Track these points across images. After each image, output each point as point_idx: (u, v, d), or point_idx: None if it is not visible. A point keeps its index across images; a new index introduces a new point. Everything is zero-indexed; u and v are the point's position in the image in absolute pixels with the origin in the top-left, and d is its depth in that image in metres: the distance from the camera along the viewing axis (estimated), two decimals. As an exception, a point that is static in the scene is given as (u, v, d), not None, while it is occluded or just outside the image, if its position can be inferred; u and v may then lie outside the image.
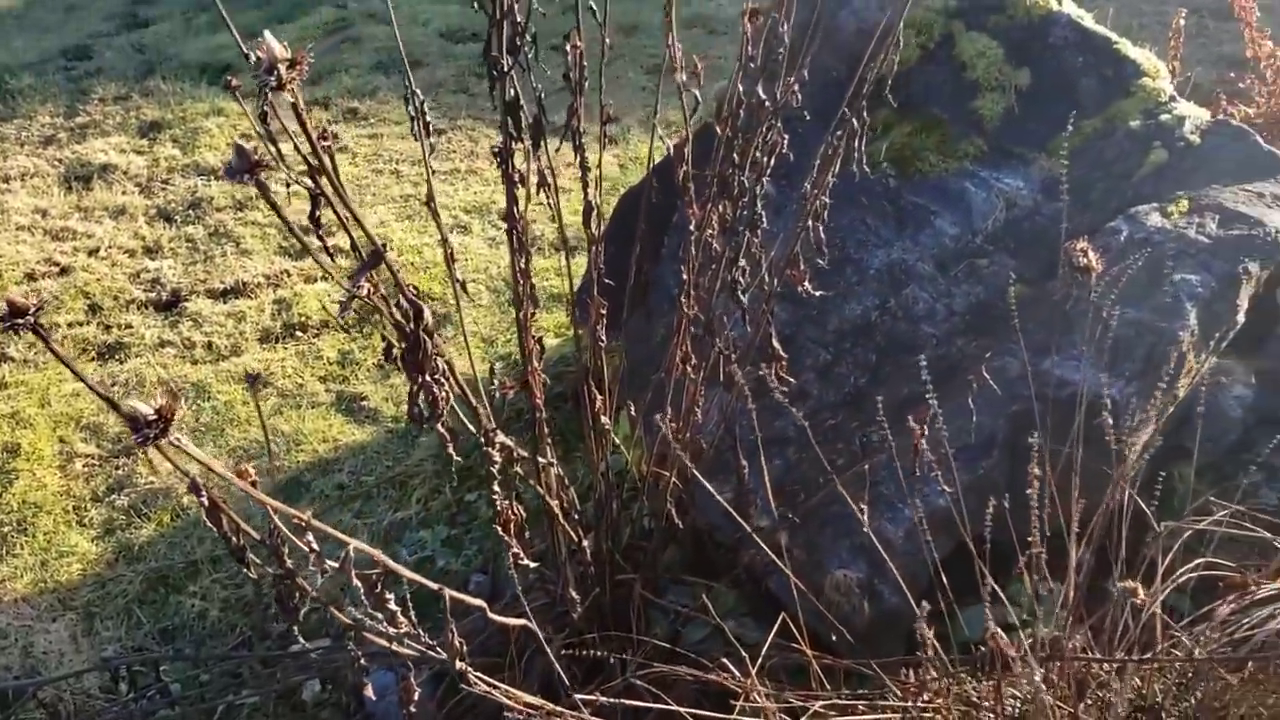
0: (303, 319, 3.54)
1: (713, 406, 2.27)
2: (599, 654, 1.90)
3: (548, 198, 1.86)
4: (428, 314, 1.25)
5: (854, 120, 1.79)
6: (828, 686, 1.70)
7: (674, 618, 2.23)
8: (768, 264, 2.05)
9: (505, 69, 1.71)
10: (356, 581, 1.29)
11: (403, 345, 1.29)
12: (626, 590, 2.21)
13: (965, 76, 2.49)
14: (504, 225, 1.77)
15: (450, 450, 1.49)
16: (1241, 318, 2.17)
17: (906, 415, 1.71)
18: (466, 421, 1.69)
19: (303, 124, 1.00)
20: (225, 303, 3.70)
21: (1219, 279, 2.11)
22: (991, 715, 1.56)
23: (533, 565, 1.81)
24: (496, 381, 1.83)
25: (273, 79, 0.95)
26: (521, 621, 1.71)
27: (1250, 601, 1.77)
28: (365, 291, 1.17)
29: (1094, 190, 2.34)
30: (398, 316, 1.28)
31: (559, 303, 3.47)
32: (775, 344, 2.04)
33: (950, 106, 2.50)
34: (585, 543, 2.03)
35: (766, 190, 2.06)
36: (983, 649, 1.41)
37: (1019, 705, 1.55)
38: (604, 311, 1.97)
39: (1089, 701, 1.60)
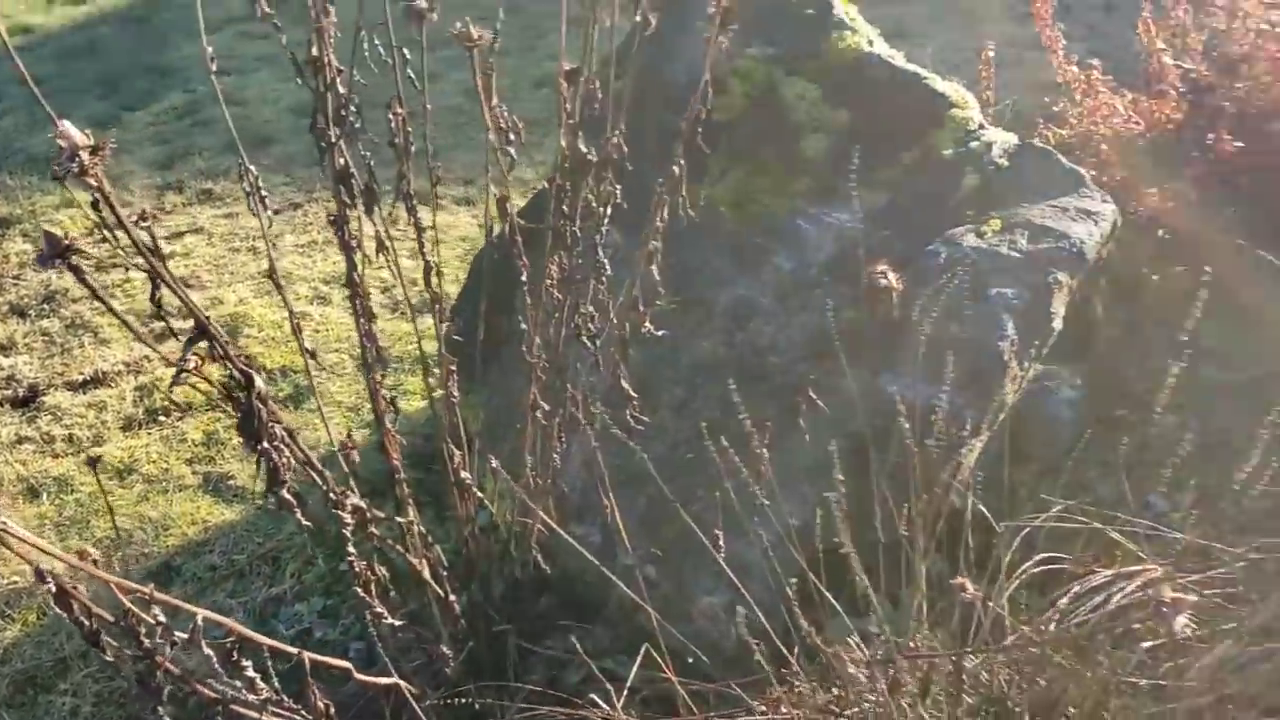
0: (165, 404, 3.50)
1: (573, 451, 2.33)
2: (475, 704, 1.93)
3: (388, 261, 1.91)
4: (259, 381, 1.29)
5: (675, 168, 1.88)
6: (695, 710, 1.75)
7: (550, 663, 2.26)
8: (615, 309, 2.12)
9: (333, 140, 1.77)
10: (208, 650, 1.31)
11: (238, 415, 1.31)
12: (502, 641, 2.24)
13: (789, 120, 2.62)
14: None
15: (300, 517, 1.51)
16: (1058, 325, 2.31)
17: (758, 442, 1.79)
18: (324, 486, 1.72)
19: (111, 207, 1.03)
20: (85, 394, 3.63)
21: (1032, 290, 2.25)
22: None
23: (399, 624, 1.84)
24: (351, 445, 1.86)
25: (74, 165, 0.99)
26: (389, 680, 1.73)
27: (1087, 589, 1.89)
28: (192, 365, 1.20)
29: (915, 217, 2.48)
30: (231, 387, 1.31)
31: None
32: (625, 385, 2.11)
33: (779, 149, 2.63)
34: (453, 598, 2.06)
35: (611, 238, 2.15)
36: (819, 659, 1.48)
37: (871, 709, 1.62)
38: (453, 369, 2.02)
39: (939, 698, 1.69)
